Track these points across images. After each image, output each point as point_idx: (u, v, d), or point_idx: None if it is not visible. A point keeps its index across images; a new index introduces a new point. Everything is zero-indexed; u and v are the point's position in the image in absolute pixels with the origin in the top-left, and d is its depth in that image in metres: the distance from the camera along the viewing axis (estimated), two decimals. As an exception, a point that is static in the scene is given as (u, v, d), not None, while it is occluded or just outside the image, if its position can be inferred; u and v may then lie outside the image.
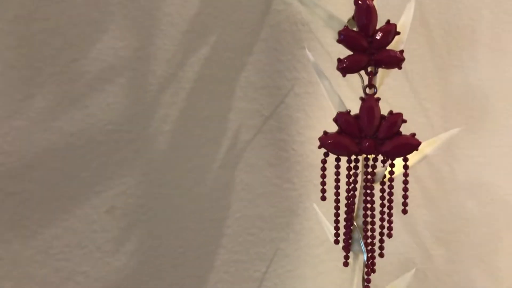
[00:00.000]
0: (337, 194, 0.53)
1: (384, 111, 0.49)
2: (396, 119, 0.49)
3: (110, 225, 0.51)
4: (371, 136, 0.49)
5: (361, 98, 0.50)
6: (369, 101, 0.49)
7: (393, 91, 0.65)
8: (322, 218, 0.58)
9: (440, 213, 0.74)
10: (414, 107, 0.66)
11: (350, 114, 0.50)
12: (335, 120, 0.50)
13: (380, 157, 0.51)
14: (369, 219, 0.52)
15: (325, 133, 0.50)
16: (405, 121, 0.50)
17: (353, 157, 0.51)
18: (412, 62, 0.64)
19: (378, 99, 0.50)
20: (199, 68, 0.49)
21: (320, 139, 0.50)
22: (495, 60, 0.72)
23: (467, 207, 0.76)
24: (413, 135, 0.49)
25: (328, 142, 0.50)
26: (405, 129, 0.48)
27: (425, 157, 0.51)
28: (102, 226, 0.50)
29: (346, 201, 0.52)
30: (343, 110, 0.51)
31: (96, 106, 0.49)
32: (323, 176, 0.52)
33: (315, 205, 0.56)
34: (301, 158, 0.58)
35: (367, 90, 0.50)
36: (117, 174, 0.50)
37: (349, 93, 0.54)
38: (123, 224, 0.51)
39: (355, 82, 0.51)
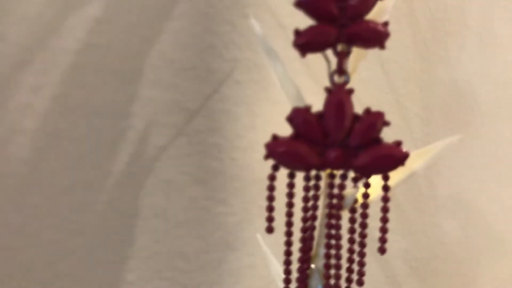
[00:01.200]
0: (289, 224, 0.38)
1: (358, 109, 0.34)
2: (375, 120, 0.34)
3: None
4: (340, 143, 0.35)
5: (327, 89, 0.35)
6: (338, 94, 0.35)
7: (364, 84, 0.51)
8: (268, 254, 0.42)
9: (415, 238, 0.62)
10: (390, 105, 0.52)
11: (310, 112, 0.35)
12: (290, 119, 0.35)
13: (351, 174, 0.36)
14: (333, 261, 0.37)
15: (275, 137, 0.35)
16: (387, 124, 0.35)
17: (313, 172, 0.36)
18: (390, 48, 0.49)
19: (351, 91, 0.35)
20: (83, 35, 0.32)
21: (267, 146, 0.35)
22: (486, 53, 0.61)
23: (446, 229, 0.67)
24: (398, 143, 0.35)
25: (278, 151, 0.35)
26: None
27: (412, 175, 0.36)
28: None
29: (301, 234, 0.37)
30: (300, 105, 0.36)
31: None
32: (270, 198, 0.37)
33: (259, 236, 0.41)
34: (242, 172, 0.42)
35: (336, 78, 0.35)
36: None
37: (310, 82, 0.39)
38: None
39: (319, 67, 0.35)
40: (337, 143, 0.36)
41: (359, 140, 0.36)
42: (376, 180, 0.38)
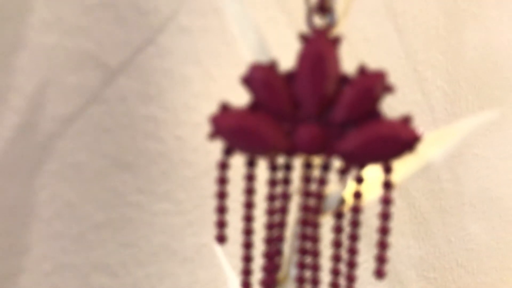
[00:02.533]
0: (247, 231, 0.27)
1: (349, 68, 0.23)
2: (372, 83, 0.23)
3: None
4: (318, 117, 0.23)
5: (302, 36, 0.23)
6: (318, 43, 0.23)
7: (370, 45, 0.39)
8: (227, 267, 0.32)
9: (433, 243, 0.51)
10: (405, 75, 0.40)
11: (276, 70, 0.24)
12: (246, 80, 0.24)
13: (336, 163, 0.24)
14: (307, 286, 0.26)
15: (224, 107, 0.24)
16: (390, 90, 0.23)
17: (281, 160, 0.25)
18: (406, -3, 0.38)
19: (337, 40, 0.23)
20: None
21: (213, 120, 0.24)
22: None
23: (472, 233, 0.56)
24: (406, 120, 0.23)
25: (227, 127, 0.24)
26: (388, 110, 0.23)
27: (426, 167, 0.25)
28: None
29: (265, 247, 0.26)
30: (263, 60, 0.24)
31: None
32: (221, 195, 0.27)
33: (216, 246, 0.30)
34: (193, 156, 0.31)
35: (316, 20, 0.23)
36: None
37: (281, 25, 0.28)
38: None
39: (292, 5, 0.24)
40: (314, 116, 0.25)
41: (347, 113, 0.25)
42: (374, 173, 0.27)
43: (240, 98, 0.26)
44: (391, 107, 0.26)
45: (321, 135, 0.25)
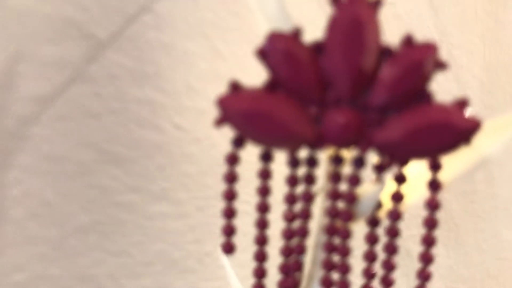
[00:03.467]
0: (261, 240, 0.23)
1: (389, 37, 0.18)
2: (421, 58, 0.18)
3: None
4: (352, 101, 0.18)
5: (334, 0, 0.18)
6: (353, 6, 0.18)
7: (399, 23, 0.34)
8: (234, 281, 0.27)
9: (463, 251, 0.46)
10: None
11: (300, 41, 0.19)
12: (262, 52, 0.19)
13: (373, 158, 0.20)
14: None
15: (235, 87, 0.19)
16: (442, 66, 0.18)
17: (303, 152, 0.20)
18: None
19: (378, 2, 0.18)
20: None
21: (221, 102, 0.19)
22: None
23: (506, 240, 0.51)
24: (461, 104, 0.18)
25: (239, 112, 0.19)
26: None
27: (482, 163, 0.22)
28: None
29: (282, 259, 0.21)
30: (285, 28, 0.20)
31: None
32: (229, 195, 0.22)
33: (222, 255, 0.25)
34: (197, 148, 0.26)
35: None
36: None
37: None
38: None
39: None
40: (348, 99, 0.20)
41: (390, 95, 0.20)
42: (417, 171, 0.22)
43: (254, 80, 0.22)
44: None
45: (356, 122, 0.20)
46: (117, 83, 0.24)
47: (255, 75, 0.22)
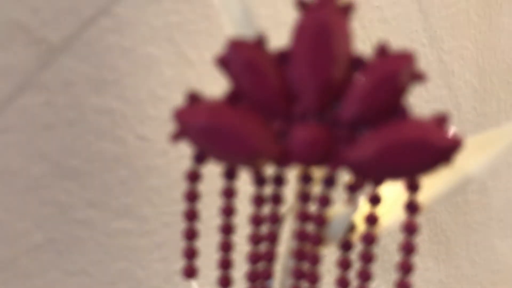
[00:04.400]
0: (225, 264, 0.20)
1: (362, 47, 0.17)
2: (396, 69, 0.16)
3: None
4: (320, 115, 0.16)
5: (301, 3, 0.16)
6: (321, 12, 0.16)
7: (387, 28, 0.33)
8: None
9: (455, 264, 0.44)
10: (428, 65, 0.33)
11: (263, 48, 0.17)
12: (223, 60, 0.17)
13: (344, 177, 0.18)
14: None
15: (193, 99, 0.17)
16: (419, 78, 0.16)
17: (269, 170, 0.18)
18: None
19: (349, 8, 0.16)
20: None
21: (177, 115, 0.17)
22: None
23: (500, 252, 0.49)
24: (440, 120, 0.16)
25: (198, 126, 0.17)
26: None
27: (465, 183, 0.20)
28: None
29: (248, 286, 0.20)
30: (249, 33, 0.18)
31: None
32: (191, 215, 0.20)
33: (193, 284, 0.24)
34: (163, 161, 0.24)
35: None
36: None
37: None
38: None
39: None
40: (315, 113, 0.18)
41: (361, 109, 0.18)
42: (394, 192, 0.21)
43: (225, 88, 0.20)
44: (414, 103, 0.19)
45: (324, 138, 0.18)
46: (73, 91, 0.22)
47: (226, 83, 0.20)
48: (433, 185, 0.21)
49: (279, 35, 0.20)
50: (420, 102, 0.36)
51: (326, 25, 0.18)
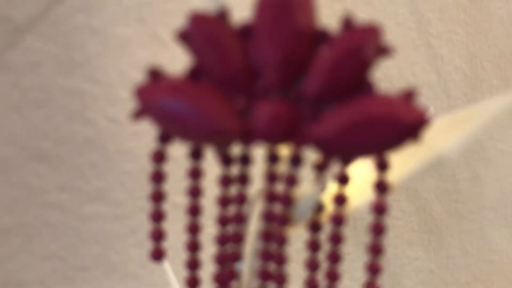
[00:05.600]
0: (192, 246, 0.20)
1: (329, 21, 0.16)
2: (361, 42, 0.15)
3: None
4: (282, 89, 0.16)
5: None
6: None
7: (372, 11, 0.32)
8: (176, 285, 0.25)
9: (446, 253, 0.43)
10: (417, 50, 0.33)
11: (226, 22, 0.16)
12: (183, 35, 0.16)
13: (311, 155, 0.17)
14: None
15: (154, 75, 0.17)
16: (386, 52, 0.16)
17: (235, 149, 0.18)
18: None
19: None
20: None
21: (138, 92, 0.17)
22: None
23: (494, 242, 0.48)
24: (408, 95, 0.16)
25: (158, 103, 0.16)
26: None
27: (438, 163, 0.21)
28: None
29: (216, 270, 0.19)
30: (213, 7, 0.17)
31: None
32: (157, 196, 0.19)
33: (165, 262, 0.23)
34: (135, 143, 0.24)
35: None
36: None
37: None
38: None
39: None
40: (278, 89, 0.18)
41: (325, 84, 0.18)
42: (363, 171, 0.20)
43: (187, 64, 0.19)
44: (398, 88, 0.19)
45: (287, 115, 0.18)
46: (40, 72, 0.22)
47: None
48: (403, 164, 0.20)
49: (245, 8, 0.19)
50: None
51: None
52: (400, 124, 0.18)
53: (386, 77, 0.33)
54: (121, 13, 0.24)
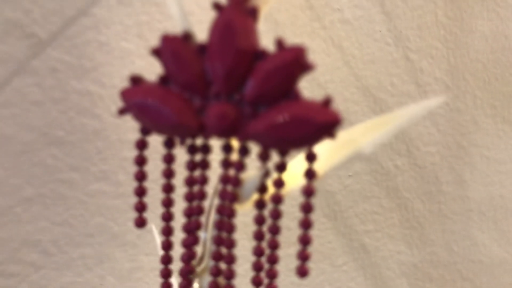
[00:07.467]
0: (167, 216, 0.25)
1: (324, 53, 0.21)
2: (287, 59, 0.21)
3: None
4: (227, 94, 0.21)
5: (216, 6, 0.21)
6: (229, 13, 0.21)
7: (350, 29, 0.37)
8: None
9: (429, 250, 0.46)
10: (394, 61, 0.37)
11: (189, 41, 0.22)
12: (156, 51, 0.22)
13: (257, 148, 0.23)
14: (222, 280, 0.24)
15: (135, 81, 0.23)
16: (308, 68, 0.21)
17: (199, 141, 0.23)
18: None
19: (253, 11, 0.21)
20: None
21: (122, 94, 0.23)
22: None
23: (481, 243, 0.51)
24: (327, 102, 0.21)
25: (135, 103, 0.22)
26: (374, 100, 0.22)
27: (359, 155, 0.23)
28: None
29: (184, 237, 0.24)
30: (182, 29, 0.23)
31: None
32: (139, 176, 0.25)
33: (153, 226, 0.29)
34: (134, 135, 0.30)
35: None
36: None
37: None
38: None
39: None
40: (224, 94, 0.23)
41: (259, 91, 0.23)
42: (298, 161, 0.25)
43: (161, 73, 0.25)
44: (380, 98, 0.23)
45: (231, 114, 0.23)
46: (58, 76, 0.28)
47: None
48: (329, 156, 0.25)
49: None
50: (386, 96, 0.39)
51: (230, 24, 0.22)
52: (315, 123, 0.22)
53: (364, 86, 0.37)
54: (124, 30, 0.29)
